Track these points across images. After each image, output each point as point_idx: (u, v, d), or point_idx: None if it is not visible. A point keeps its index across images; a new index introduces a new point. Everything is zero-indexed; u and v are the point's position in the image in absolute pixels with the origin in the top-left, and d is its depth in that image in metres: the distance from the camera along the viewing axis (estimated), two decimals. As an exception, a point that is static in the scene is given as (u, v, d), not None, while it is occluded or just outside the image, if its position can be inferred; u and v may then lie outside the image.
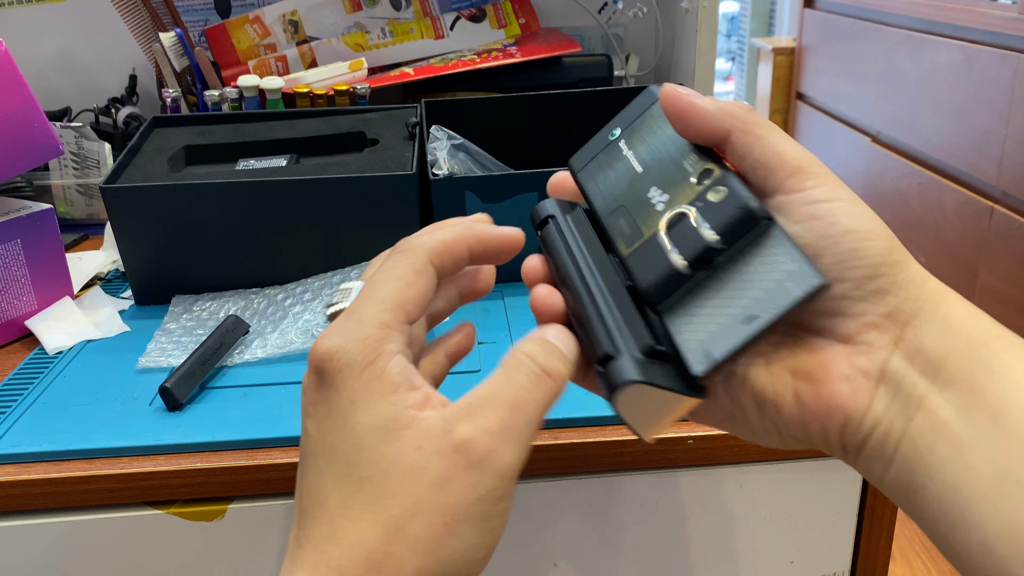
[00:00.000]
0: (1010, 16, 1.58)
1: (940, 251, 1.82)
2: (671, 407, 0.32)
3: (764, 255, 0.31)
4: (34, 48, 1.03)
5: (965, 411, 0.29)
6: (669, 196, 0.33)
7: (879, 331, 0.31)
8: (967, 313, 0.31)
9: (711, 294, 0.31)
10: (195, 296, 0.65)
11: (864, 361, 0.31)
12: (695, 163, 0.33)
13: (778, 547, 0.52)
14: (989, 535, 0.27)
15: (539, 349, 0.32)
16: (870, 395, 0.30)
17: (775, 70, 2.67)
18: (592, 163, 0.35)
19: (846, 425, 0.31)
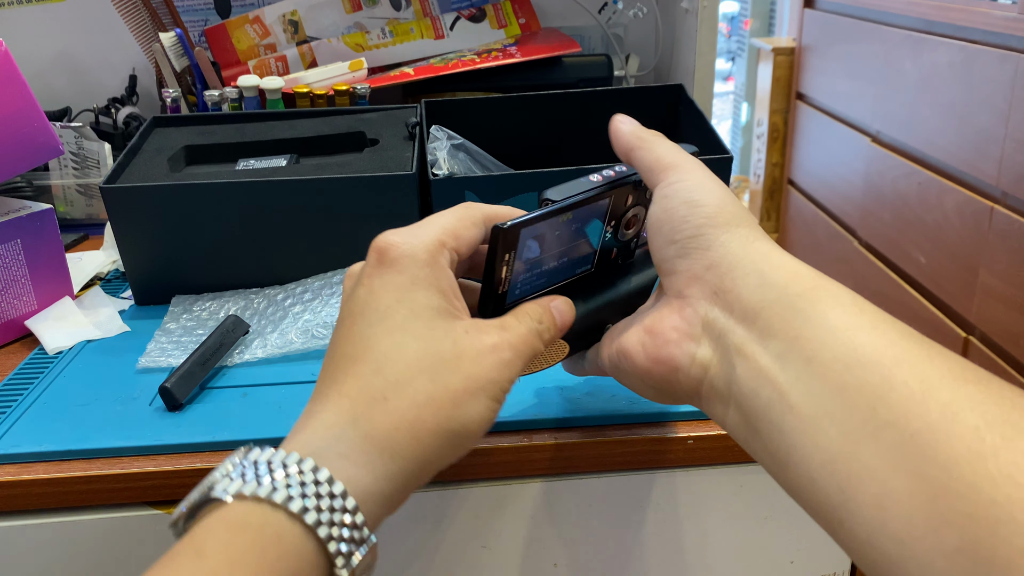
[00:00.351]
0: (1010, 16, 1.58)
1: (940, 251, 1.82)
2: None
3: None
4: (34, 48, 1.03)
5: (782, 357, 0.32)
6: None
7: (700, 285, 0.36)
8: (785, 266, 0.34)
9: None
10: (195, 296, 0.65)
11: (689, 313, 0.36)
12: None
13: (778, 547, 0.52)
14: (812, 468, 0.30)
15: (543, 313, 0.39)
16: (695, 343, 0.36)
17: (775, 70, 2.67)
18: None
19: (678, 371, 0.36)
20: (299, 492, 0.29)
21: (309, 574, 0.29)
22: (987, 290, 1.65)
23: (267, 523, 0.28)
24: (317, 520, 0.29)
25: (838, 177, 2.35)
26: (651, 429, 0.48)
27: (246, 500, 0.29)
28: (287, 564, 0.28)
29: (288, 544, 0.28)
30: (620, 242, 0.45)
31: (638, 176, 0.43)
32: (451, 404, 0.33)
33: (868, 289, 2.17)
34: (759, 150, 2.84)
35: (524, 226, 0.40)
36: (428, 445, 0.32)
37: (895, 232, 2.02)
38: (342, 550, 0.29)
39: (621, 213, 0.44)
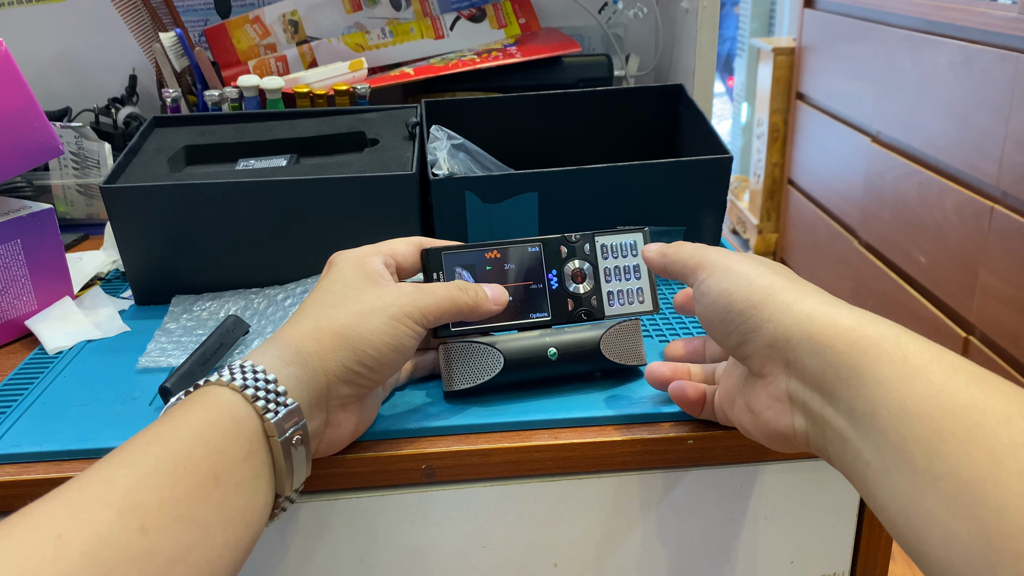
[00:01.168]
0: (1010, 16, 1.58)
1: (940, 251, 1.82)
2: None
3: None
4: (34, 48, 1.03)
5: (851, 416, 0.35)
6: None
7: (771, 363, 0.40)
8: (828, 323, 0.37)
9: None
10: (195, 296, 0.65)
11: (774, 389, 0.40)
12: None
13: (778, 547, 0.52)
14: (892, 515, 0.34)
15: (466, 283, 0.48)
16: (790, 415, 0.39)
17: (775, 70, 2.67)
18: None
19: (789, 440, 0.40)
20: (229, 374, 0.39)
21: (246, 423, 0.38)
22: (987, 290, 1.65)
23: (209, 391, 0.39)
24: (244, 385, 0.39)
25: (838, 177, 2.35)
26: (651, 429, 0.48)
27: (196, 388, 0.39)
28: (229, 412, 0.38)
29: (226, 400, 0.38)
30: (574, 294, 0.51)
31: (568, 234, 0.52)
32: (346, 317, 0.43)
33: (868, 289, 2.17)
34: (759, 150, 2.84)
35: (445, 251, 0.50)
36: (327, 345, 0.42)
37: (895, 232, 2.02)
38: (267, 407, 0.38)
39: (560, 264, 0.52)
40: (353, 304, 0.44)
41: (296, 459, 0.40)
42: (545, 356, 0.50)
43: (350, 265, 0.46)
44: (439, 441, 0.48)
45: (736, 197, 3.14)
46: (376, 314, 0.43)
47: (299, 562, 0.49)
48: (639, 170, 0.64)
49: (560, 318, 0.51)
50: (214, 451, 0.36)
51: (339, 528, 0.48)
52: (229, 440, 0.37)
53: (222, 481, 0.36)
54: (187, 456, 0.35)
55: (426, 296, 0.45)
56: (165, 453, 0.35)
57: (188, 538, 0.33)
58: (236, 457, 0.37)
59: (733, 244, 0.75)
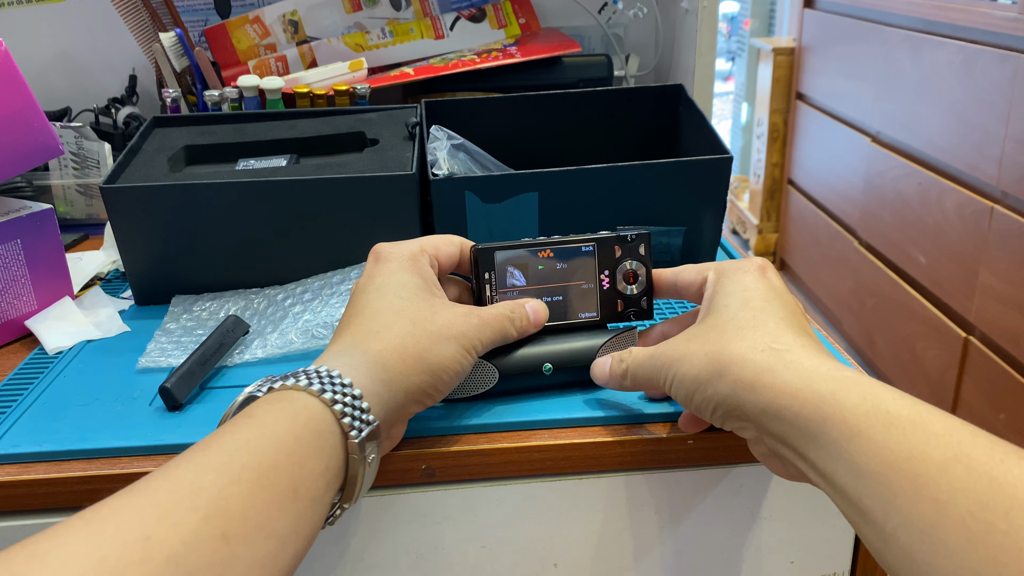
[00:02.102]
0: (1010, 16, 1.58)
1: (940, 251, 1.82)
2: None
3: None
4: (34, 48, 1.03)
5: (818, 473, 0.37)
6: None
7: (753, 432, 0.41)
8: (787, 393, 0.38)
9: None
10: (195, 296, 0.65)
11: (763, 449, 0.42)
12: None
13: (778, 547, 0.52)
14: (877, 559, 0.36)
15: (515, 306, 0.49)
16: (791, 464, 0.40)
17: (775, 70, 2.67)
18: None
19: (781, 474, 0.42)
20: (319, 383, 0.39)
21: (328, 437, 0.38)
22: (987, 290, 1.65)
23: (297, 398, 0.38)
24: (333, 399, 0.38)
25: (838, 177, 2.35)
26: (651, 429, 0.48)
27: (283, 389, 0.39)
28: (314, 425, 0.37)
29: (313, 411, 0.38)
30: (624, 295, 0.51)
31: (625, 233, 0.51)
32: (428, 340, 0.43)
33: (868, 289, 2.17)
34: (759, 150, 2.84)
35: (498, 249, 0.49)
36: (411, 367, 0.42)
37: (895, 232, 2.02)
38: (353, 424, 0.38)
39: (614, 265, 0.51)
40: (431, 325, 0.44)
41: (368, 474, 0.40)
42: (539, 370, 0.50)
43: (406, 267, 0.46)
44: (439, 441, 0.48)
45: (736, 197, 3.14)
46: (451, 342, 0.44)
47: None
48: (639, 170, 0.64)
49: (609, 318, 0.52)
50: (296, 464, 0.36)
51: (339, 528, 0.48)
52: (311, 453, 0.37)
53: (300, 494, 0.36)
54: (271, 467, 0.35)
55: (485, 330, 0.46)
56: (251, 462, 0.35)
57: (265, 548, 0.34)
58: (315, 471, 0.37)
59: (733, 244, 0.75)
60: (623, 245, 0.51)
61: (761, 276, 0.45)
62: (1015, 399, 1.57)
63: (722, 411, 0.41)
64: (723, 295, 0.45)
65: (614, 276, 0.51)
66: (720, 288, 0.45)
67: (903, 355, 1.99)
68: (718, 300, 0.45)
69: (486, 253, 0.49)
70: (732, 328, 0.42)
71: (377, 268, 0.46)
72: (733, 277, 0.45)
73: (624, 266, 0.51)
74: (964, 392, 1.75)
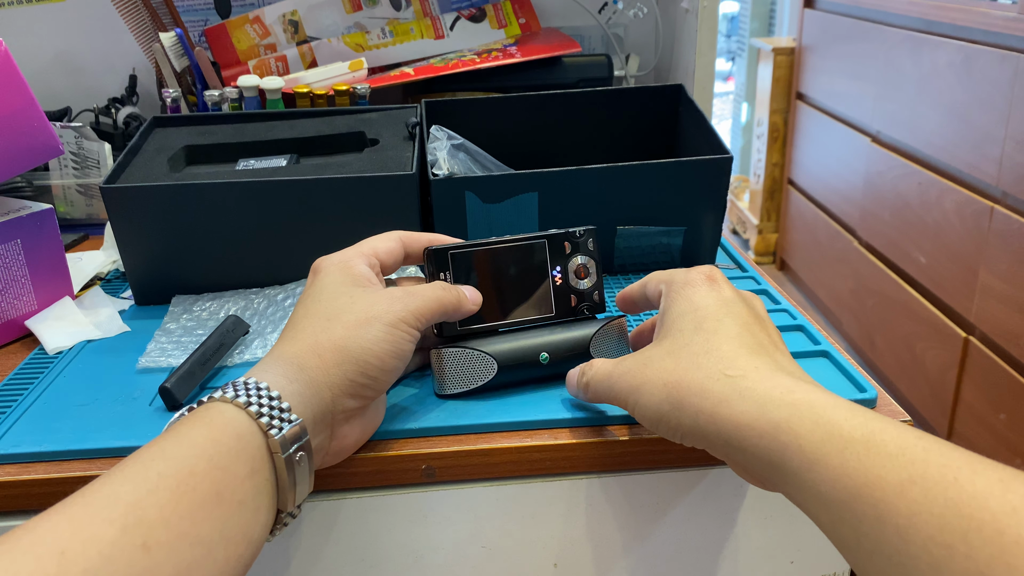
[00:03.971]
0: (1010, 16, 1.58)
1: (940, 251, 1.82)
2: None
3: None
4: (34, 48, 1.03)
5: (791, 496, 0.38)
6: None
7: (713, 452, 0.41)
8: (745, 425, 0.38)
9: None
10: (195, 296, 0.65)
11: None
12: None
13: (778, 547, 0.52)
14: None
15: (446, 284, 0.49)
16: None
17: (775, 70, 2.67)
18: None
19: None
20: (232, 391, 0.39)
21: (250, 439, 0.38)
22: (987, 290, 1.65)
23: (213, 407, 0.39)
24: (247, 402, 0.39)
25: (838, 177, 2.35)
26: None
27: (199, 404, 0.39)
28: (232, 429, 0.38)
29: (229, 417, 0.38)
30: (576, 290, 0.53)
31: (572, 229, 0.52)
32: (344, 329, 0.43)
33: (868, 289, 2.17)
34: (759, 150, 2.84)
35: (451, 250, 0.50)
36: (329, 360, 0.42)
37: (895, 232, 2.02)
38: (271, 423, 0.38)
39: (565, 261, 0.52)
40: (348, 315, 0.43)
41: (299, 475, 0.40)
42: (537, 360, 0.50)
43: (335, 271, 0.46)
44: (439, 441, 0.48)
45: (736, 197, 3.14)
46: (373, 323, 0.43)
47: (299, 562, 0.49)
48: (639, 170, 0.64)
49: (564, 315, 0.52)
50: (217, 468, 0.36)
51: (339, 528, 0.48)
52: (232, 457, 0.37)
53: (225, 498, 0.36)
54: (190, 472, 0.35)
55: (416, 299, 0.45)
56: (168, 469, 0.35)
57: (190, 555, 0.34)
58: (239, 474, 0.37)
59: (733, 244, 0.75)
60: (572, 241, 0.52)
61: (711, 288, 0.44)
62: (1015, 399, 1.57)
63: (690, 440, 0.41)
64: (676, 314, 0.44)
65: (566, 272, 0.52)
66: (672, 305, 0.45)
67: (903, 355, 1.99)
68: (671, 319, 0.44)
69: (440, 254, 0.50)
70: (687, 355, 0.41)
71: (311, 281, 0.47)
72: (683, 293, 0.44)
73: (574, 261, 0.52)
74: (964, 392, 1.75)
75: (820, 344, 0.56)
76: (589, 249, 0.53)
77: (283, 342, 0.43)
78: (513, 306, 0.52)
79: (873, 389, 0.50)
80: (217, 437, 0.37)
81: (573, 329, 0.51)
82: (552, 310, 0.52)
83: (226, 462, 0.36)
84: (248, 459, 0.37)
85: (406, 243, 0.50)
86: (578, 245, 0.52)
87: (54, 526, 0.32)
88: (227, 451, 0.37)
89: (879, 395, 0.51)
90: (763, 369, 0.40)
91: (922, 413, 1.92)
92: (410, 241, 0.50)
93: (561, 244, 0.52)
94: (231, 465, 0.36)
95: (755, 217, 2.91)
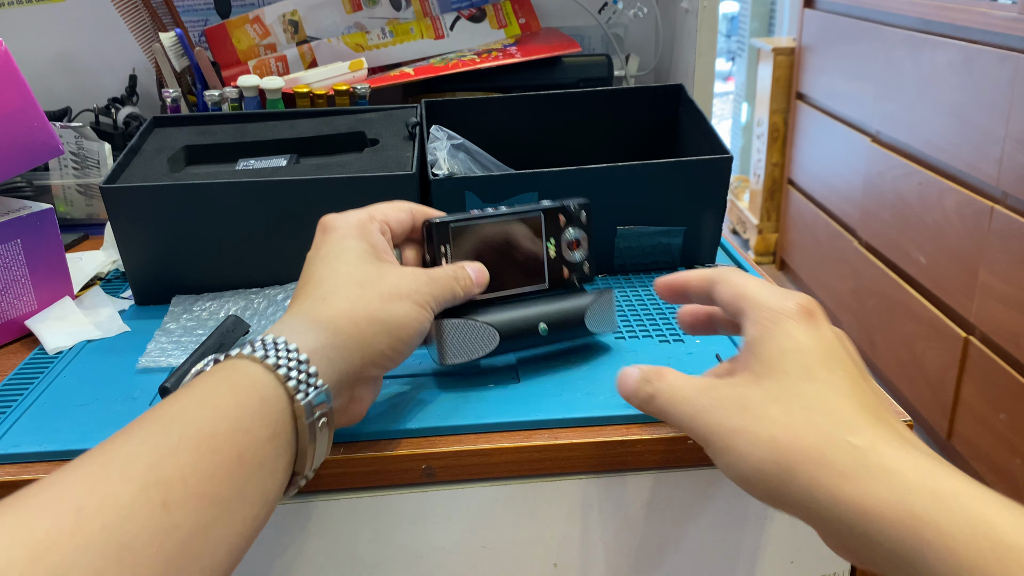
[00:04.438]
0: (1010, 16, 1.58)
1: (940, 251, 1.82)
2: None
3: None
4: (34, 48, 1.03)
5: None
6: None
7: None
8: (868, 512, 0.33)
9: None
10: (195, 296, 0.65)
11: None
12: None
13: (778, 547, 0.52)
14: None
15: (458, 268, 0.49)
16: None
17: (775, 70, 2.67)
18: None
19: None
20: (262, 350, 0.39)
21: (274, 403, 0.37)
22: (987, 290, 1.65)
23: (239, 367, 0.38)
24: (276, 364, 0.38)
25: (838, 177, 2.35)
26: (651, 429, 0.48)
27: (227, 359, 0.39)
28: (257, 391, 0.37)
29: (256, 377, 0.38)
30: (569, 261, 0.54)
31: (567, 203, 0.54)
32: (379, 301, 0.43)
33: (868, 289, 2.17)
34: (759, 150, 2.84)
35: (452, 222, 0.51)
36: (364, 329, 0.42)
37: (895, 232, 2.02)
38: (299, 387, 0.38)
39: (558, 233, 0.54)
40: (379, 286, 0.44)
41: (320, 440, 0.40)
42: (536, 331, 0.52)
43: (354, 234, 0.46)
44: (439, 441, 0.48)
45: (736, 197, 3.14)
46: (403, 300, 0.44)
47: (299, 562, 0.49)
48: (639, 170, 0.64)
49: (557, 285, 0.54)
50: (239, 430, 0.36)
51: (339, 528, 0.48)
52: (255, 420, 0.36)
53: (245, 460, 0.35)
54: (211, 434, 0.35)
55: (436, 286, 0.46)
56: (189, 430, 0.35)
57: (209, 515, 0.34)
58: (261, 437, 0.36)
59: (733, 244, 0.75)
60: (567, 213, 0.54)
61: (814, 328, 0.38)
62: (1015, 399, 1.57)
63: (791, 510, 0.35)
64: (776, 350, 0.38)
65: (559, 244, 0.54)
66: (768, 336, 0.38)
67: (903, 355, 1.99)
68: (770, 355, 0.38)
69: (441, 228, 0.51)
70: (799, 408, 0.35)
71: (324, 238, 0.46)
72: (781, 325, 0.38)
73: (568, 234, 0.54)
74: (964, 392, 1.75)
75: (820, 344, 0.56)
76: (582, 222, 0.54)
77: (312, 301, 0.43)
78: (508, 276, 0.53)
79: (873, 389, 0.50)
80: (241, 400, 0.37)
81: (568, 300, 0.53)
82: (545, 281, 0.54)
83: (248, 425, 0.36)
84: (271, 422, 0.37)
85: (416, 216, 0.51)
86: (572, 218, 0.54)
87: (72, 483, 0.32)
88: (250, 414, 0.36)
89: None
90: (891, 439, 0.34)
91: (922, 413, 1.92)
92: (419, 214, 0.51)
93: (556, 217, 0.54)
94: (253, 428, 0.36)
95: (755, 217, 2.91)
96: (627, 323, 0.60)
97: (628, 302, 0.64)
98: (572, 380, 0.53)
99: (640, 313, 0.62)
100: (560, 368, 0.54)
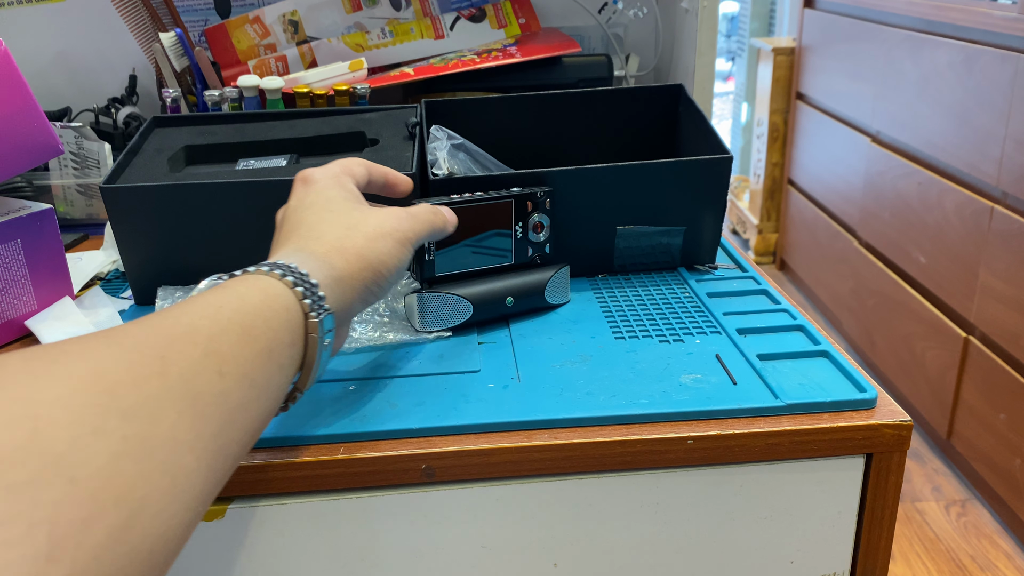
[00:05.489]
0: (1010, 16, 1.58)
1: (940, 251, 1.82)
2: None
3: None
4: (34, 48, 1.03)
5: None
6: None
7: None
8: None
9: None
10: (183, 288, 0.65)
11: None
12: None
13: (778, 547, 0.52)
14: None
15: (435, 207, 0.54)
16: None
17: (775, 70, 2.67)
18: None
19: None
20: (280, 270, 0.42)
21: (294, 314, 0.41)
22: (987, 290, 1.65)
23: (263, 279, 0.41)
24: (295, 282, 0.42)
25: (838, 177, 2.35)
26: (651, 429, 0.48)
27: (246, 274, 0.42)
28: (281, 303, 0.40)
29: (279, 291, 0.41)
30: (533, 242, 0.62)
31: (535, 190, 0.61)
32: (364, 239, 0.47)
33: (868, 289, 2.17)
34: (759, 150, 2.84)
35: (434, 204, 0.55)
36: (353, 264, 0.46)
37: (895, 232, 2.02)
38: (312, 306, 0.42)
39: (526, 217, 0.61)
40: (364, 227, 0.47)
41: (323, 360, 0.43)
42: (503, 303, 0.60)
43: (334, 184, 0.50)
44: (439, 441, 0.48)
45: (736, 197, 3.14)
46: (386, 238, 0.47)
47: (299, 562, 0.49)
48: (639, 170, 0.64)
49: (520, 262, 0.62)
50: (270, 329, 0.39)
51: (339, 528, 0.48)
52: (281, 324, 0.40)
53: (273, 356, 0.39)
54: (250, 326, 0.38)
55: (415, 221, 0.50)
56: (235, 318, 0.38)
57: (249, 394, 0.37)
58: (284, 341, 0.40)
59: (733, 244, 0.75)
60: (533, 200, 0.61)
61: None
62: (1015, 399, 1.57)
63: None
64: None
65: (526, 227, 0.61)
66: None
67: (903, 355, 1.99)
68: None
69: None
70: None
71: (307, 189, 0.50)
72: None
73: (534, 218, 0.61)
74: (964, 392, 1.75)
75: (820, 344, 0.56)
76: (546, 208, 0.62)
77: (303, 239, 0.46)
78: (480, 253, 0.60)
79: (873, 389, 0.50)
80: (271, 304, 0.40)
81: (530, 275, 0.61)
82: (511, 259, 0.61)
83: (276, 327, 0.39)
84: (291, 330, 0.40)
85: (372, 173, 0.55)
86: (538, 204, 0.61)
87: (150, 334, 0.35)
88: (278, 318, 0.40)
89: (879, 395, 0.51)
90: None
91: (922, 413, 1.92)
92: (373, 171, 0.55)
93: (525, 203, 0.61)
94: (280, 331, 0.40)
95: (755, 217, 2.91)
96: (627, 323, 0.60)
97: (628, 302, 0.64)
98: (572, 380, 0.53)
99: (640, 313, 0.62)
100: (560, 368, 0.54)
